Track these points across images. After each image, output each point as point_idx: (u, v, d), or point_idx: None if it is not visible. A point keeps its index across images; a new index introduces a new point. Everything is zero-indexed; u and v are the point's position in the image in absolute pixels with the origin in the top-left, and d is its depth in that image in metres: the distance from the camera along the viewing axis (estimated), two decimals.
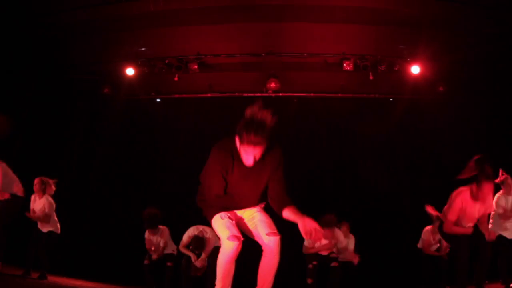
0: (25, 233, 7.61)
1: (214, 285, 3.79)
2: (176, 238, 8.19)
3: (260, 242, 3.85)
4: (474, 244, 5.56)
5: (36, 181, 7.76)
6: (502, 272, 6.98)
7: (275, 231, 3.81)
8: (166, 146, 10.83)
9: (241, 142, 3.59)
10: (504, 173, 7.49)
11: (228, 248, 3.71)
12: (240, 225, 3.95)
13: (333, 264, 7.49)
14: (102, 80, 10.38)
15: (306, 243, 7.74)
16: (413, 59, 9.45)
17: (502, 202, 7.16)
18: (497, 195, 7.33)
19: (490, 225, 7.18)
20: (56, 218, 7.79)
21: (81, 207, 10.07)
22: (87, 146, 10.65)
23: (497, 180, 7.46)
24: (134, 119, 10.85)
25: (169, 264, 8.00)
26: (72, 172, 10.16)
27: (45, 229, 7.66)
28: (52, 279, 7.40)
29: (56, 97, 9.95)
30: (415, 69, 9.48)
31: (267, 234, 3.78)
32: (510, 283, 6.63)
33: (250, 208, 3.98)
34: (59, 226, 7.81)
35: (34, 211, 7.62)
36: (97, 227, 10.00)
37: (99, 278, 8.74)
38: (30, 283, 6.49)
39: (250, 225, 3.93)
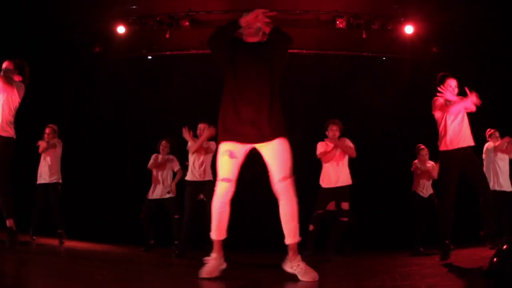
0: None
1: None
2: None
3: (273, 186, 3.97)
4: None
5: (48, 130, 7.90)
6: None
7: (285, 174, 3.91)
8: (157, 103, 10.80)
9: (242, 22, 4.02)
10: (491, 129, 7.81)
11: (219, 189, 3.98)
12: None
13: (343, 218, 7.09)
14: (93, 39, 10.25)
15: (319, 146, 7.33)
16: (407, 19, 9.41)
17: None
18: (485, 146, 7.71)
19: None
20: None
21: (74, 166, 10.12)
22: (79, 105, 10.61)
23: (486, 134, 7.81)
24: (125, 77, 10.74)
25: (176, 216, 7.86)
26: (65, 132, 10.13)
27: (51, 177, 7.76)
28: (43, 240, 7.54)
29: (47, 57, 9.81)
30: (409, 29, 9.46)
31: (278, 181, 3.91)
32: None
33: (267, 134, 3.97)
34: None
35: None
36: (89, 186, 10.08)
37: (92, 239, 8.87)
38: (23, 245, 6.59)
39: (268, 162, 4.01)
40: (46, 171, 7.80)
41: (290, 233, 3.95)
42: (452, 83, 5.78)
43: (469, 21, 9.10)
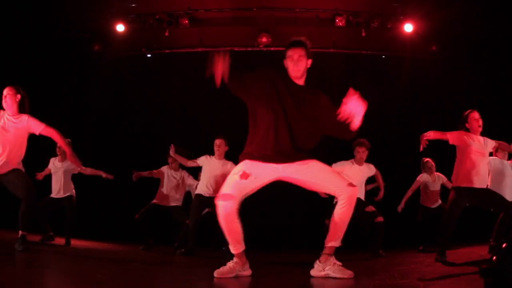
0: None
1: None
2: None
3: (332, 192, 4.04)
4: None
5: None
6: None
7: (348, 181, 3.99)
8: (157, 101, 10.79)
9: (286, 56, 4.15)
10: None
11: (218, 207, 3.94)
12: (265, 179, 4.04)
13: (378, 219, 7.06)
14: (92, 38, 10.23)
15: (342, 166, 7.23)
16: (406, 17, 9.42)
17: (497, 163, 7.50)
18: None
19: None
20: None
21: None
22: (79, 104, 10.59)
23: (493, 150, 7.77)
24: (125, 76, 10.71)
25: (188, 222, 7.74)
26: (64, 131, 10.11)
27: (65, 193, 7.81)
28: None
29: (47, 56, 9.83)
30: (408, 27, 9.46)
31: (348, 186, 3.93)
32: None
33: (298, 162, 3.99)
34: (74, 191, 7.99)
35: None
36: (88, 184, 10.06)
37: (92, 237, 8.88)
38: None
39: (309, 176, 4.03)
40: (59, 188, 7.83)
41: (335, 236, 3.98)
42: (475, 116, 5.85)
43: (468, 19, 9.11)
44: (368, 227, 7.28)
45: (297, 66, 4.11)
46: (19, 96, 5.65)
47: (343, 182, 3.96)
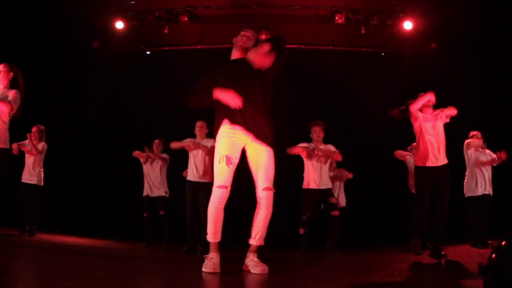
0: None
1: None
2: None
3: (256, 190, 4.09)
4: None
5: (34, 129, 7.91)
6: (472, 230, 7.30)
7: (270, 185, 4.03)
8: (156, 98, 10.79)
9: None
10: (473, 132, 7.74)
11: (215, 195, 4.03)
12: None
13: (334, 212, 6.87)
14: (91, 35, 10.24)
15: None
16: (406, 15, 9.42)
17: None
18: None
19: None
20: (42, 170, 8.00)
21: (72, 161, 10.13)
22: (78, 101, 10.59)
23: (469, 136, 7.76)
24: (124, 73, 10.72)
25: (162, 213, 7.99)
26: (63, 127, 10.13)
27: (31, 178, 7.87)
28: (42, 236, 7.57)
29: (46, 53, 9.81)
30: (408, 25, 9.46)
31: (263, 190, 4.02)
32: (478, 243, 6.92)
33: (260, 142, 4.04)
34: (43, 178, 8.01)
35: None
36: (88, 182, 10.08)
37: (91, 234, 8.89)
38: (22, 241, 6.62)
39: (253, 165, 4.11)
40: (28, 172, 7.93)
41: (256, 236, 4.08)
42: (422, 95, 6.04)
43: (467, 17, 9.11)
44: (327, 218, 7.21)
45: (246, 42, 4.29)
46: (11, 73, 5.73)
47: (262, 184, 4.02)
